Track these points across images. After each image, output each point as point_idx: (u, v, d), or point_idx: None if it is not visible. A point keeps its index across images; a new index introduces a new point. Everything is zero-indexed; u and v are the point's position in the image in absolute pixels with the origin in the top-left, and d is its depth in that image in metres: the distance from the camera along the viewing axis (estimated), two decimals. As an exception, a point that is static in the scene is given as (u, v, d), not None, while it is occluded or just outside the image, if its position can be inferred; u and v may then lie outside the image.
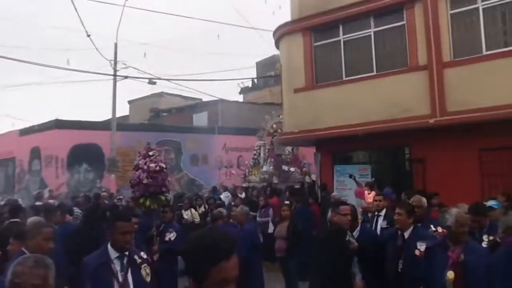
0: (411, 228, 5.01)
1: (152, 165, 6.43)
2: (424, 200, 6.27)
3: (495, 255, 3.79)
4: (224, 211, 7.70)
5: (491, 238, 4.69)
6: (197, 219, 10.78)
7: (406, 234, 4.99)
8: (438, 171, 10.33)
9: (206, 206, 11.58)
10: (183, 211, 10.81)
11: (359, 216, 9.30)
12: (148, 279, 3.76)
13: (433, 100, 10.23)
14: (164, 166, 6.66)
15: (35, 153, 22.10)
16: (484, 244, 4.67)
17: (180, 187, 21.80)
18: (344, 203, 5.77)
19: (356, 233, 5.65)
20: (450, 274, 3.86)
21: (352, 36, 11.81)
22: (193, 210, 11.14)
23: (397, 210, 5.13)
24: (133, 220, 5.43)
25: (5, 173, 24.52)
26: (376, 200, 7.62)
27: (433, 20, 10.32)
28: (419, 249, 4.60)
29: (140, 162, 6.54)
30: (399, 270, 4.87)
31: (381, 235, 5.98)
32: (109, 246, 3.71)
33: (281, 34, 13.19)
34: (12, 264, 2.22)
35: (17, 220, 6.36)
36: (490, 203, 5.66)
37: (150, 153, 6.60)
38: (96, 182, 20.78)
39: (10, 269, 2.19)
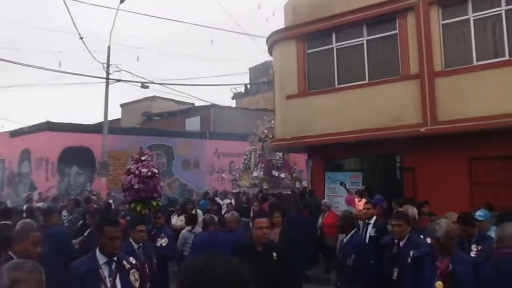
0: (407, 236, 5.05)
1: (144, 170, 6.40)
2: (414, 211, 6.32)
3: (486, 265, 3.81)
4: (215, 217, 7.68)
5: (479, 247, 4.72)
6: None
7: (402, 243, 5.03)
8: (428, 180, 10.41)
9: (198, 211, 11.48)
10: (175, 216, 10.71)
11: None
12: (137, 284, 3.75)
13: (424, 109, 10.32)
14: (156, 171, 6.63)
15: (25, 155, 21.93)
16: (472, 254, 4.69)
17: (172, 192, 21.72)
18: (263, 214, 5.08)
19: (346, 239, 5.68)
20: (439, 285, 3.87)
21: (345, 44, 11.89)
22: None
23: (395, 222, 5.14)
24: (140, 228, 5.44)
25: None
26: (365, 208, 7.64)
27: (425, 30, 10.43)
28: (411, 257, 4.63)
29: (132, 166, 6.50)
30: (394, 278, 4.89)
31: (380, 243, 5.98)
32: (97, 251, 3.69)
33: (275, 40, 13.24)
34: (4, 269, 2.13)
35: (7, 222, 6.31)
36: (478, 213, 5.69)
37: (143, 158, 6.57)
38: (87, 185, 20.65)
39: (4, 274, 2.09)
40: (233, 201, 14.30)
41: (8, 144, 22.63)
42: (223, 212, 10.65)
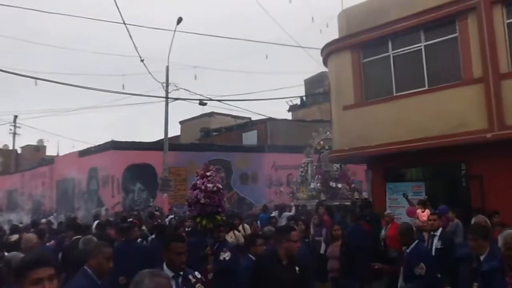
0: (487, 251, 4.79)
1: (210, 185, 6.57)
2: (488, 221, 6.02)
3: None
4: (273, 229, 7.68)
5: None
6: (241, 240, 10.36)
7: (482, 257, 4.78)
8: (497, 188, 9.84)
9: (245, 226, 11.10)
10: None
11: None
12: (203, 297, 3.81)
13: (490, 113, 9.83)
14: (221, 186, 6.79)
15: (93, 173, 23.11)
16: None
17: (231, 206, 21.98)
18: (293, 228, 5.02)
19: (410, 249, 5.51)
20: None
21: (402, 50, 11.62)
22: (236, 232, 10.45)
23: (470, 236, 4.90)
24: (261, 242, 5.74)
25: (66, 192, 25.75)
26: (430, 220, 7.36)
27: (488, 31, 9.98)
28: None
29: (198, 182, 6.70)
30: None
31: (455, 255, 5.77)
32: (164, 266, 3.81)
33: (329, 51, 13.19)
34: (145, 274, 2.32)
35: (79, 237, 6.69)
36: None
37: (208, 174, 6.74)
38: (150, 201, 21.38)
39: (147, 279, 2.28)
40: (293, 211, 14.23)
41: (77, 163, 23.97)
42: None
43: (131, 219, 11.44)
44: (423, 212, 9.57)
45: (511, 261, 3.85)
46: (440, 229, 7.10)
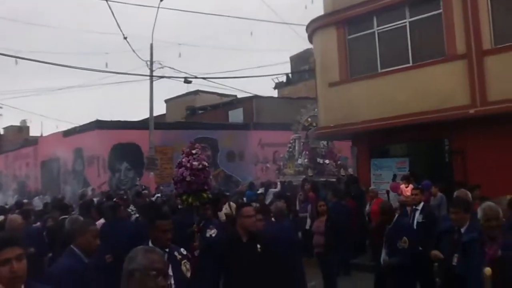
0: (468, 223, 4.93)
1: (195, 163, 6.55)
2: (469, 194, 6.18)
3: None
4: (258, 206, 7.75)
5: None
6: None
7: (463, 229, 4.92)
8: (479, 163, 10.04)
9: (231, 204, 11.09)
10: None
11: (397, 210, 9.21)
12: (188, 274, 3.87)
13: (473, 89, 9.95)
14: (206, 164, 6.79)
15: (78, 153, 22.91)
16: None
17: (217, 184, 22.06)
18: (247, 204, 4.99)
19: (391, 224, 5.64)
20: (488, 271, 3.78)
21: (387, 27, 11.62)
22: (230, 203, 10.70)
23: (452, 209, 5.04)
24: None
25: (51, 173, 25.54)
26: (413, 194, 7.52)
27: (471, 7, 10.01)
28: None
29: (183, 160, 6.69)
30: (454, 264, 4.81)
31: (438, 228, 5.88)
32: (150, 243, 3.84)
33: (314, 28, 13.12)
34: (139, 251, 2.35)
35: (66, 217, 6.70)
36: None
37: (193, 151, 6.73)
38: (136, 180, 21.34)
39: (140, 255, 2.31)
40: (278, 187, 14.36)
41: (62, 143, 23.71)
42: (267, 202, 10.70)
43: (114, 199, 11.45)
44: (406, 187, 9.74)
45: (489, 232, 3.98)
46: (422, 203, 7.24)
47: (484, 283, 3.84)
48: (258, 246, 4.47)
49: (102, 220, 7.42)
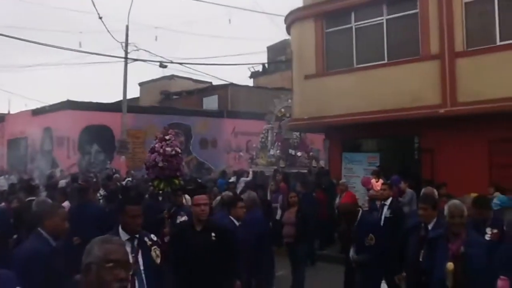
0: (435, 220, 5.07)
1: (168, 149, 6.52)
2: (436, 192, 6.35)
3: (499, 248, 3.85)
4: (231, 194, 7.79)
5: (494, 231, 4.74)
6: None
7: (430, 226, 5.05)
8: (447, 161, 10.35)
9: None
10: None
11: (366, 205, 9.42)
12: (158, 260, 3.85)
13: (444, 90, 10.20)
14: (179, 151, 6.76)
15: (47, 133, 22.37)
16: (487, 237, 4.72)
17: (189, 171, 21.98)
18: (202, 192, 5.03)
19: (357, 222, 5.70)
20: (450, 266, 3.93)
21: (364, 23, 11.74)
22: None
23: (420, 205, 5.17)
24: (241, 205, 5.69)
25: (18, 152, 24.87)
26: (382, 189, 7.68)
27: (447, 9, 10.22)
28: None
29: (156, 145, 6.64)
30: (420, 260, 4.94)
31: (405, 225, 6.00)
32: (120, 228, 3.81)
33: (293, 19, 13.14)
34: (95, 242, 2.22)
35: (33, 198, 6.56)
36: (495, 201, 5.65)
37: (167, 137, 6.69)
38: (107, 163, 21.03)
39: (96, 246, 2.18)
40: (250, 176, 14.42)
41: (30, 122, 23.09)
42: (238, 191, 10.74)
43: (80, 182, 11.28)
44: (377, 181, 9.92)
45: (454, 229, 4.12)
46: (391, 198, 7.40)
47: (446, 277, 3.99)
48: (213, 234, 4.48)
49: (66, 203, 7.32)
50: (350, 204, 6.32)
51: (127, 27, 19.92)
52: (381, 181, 9.50)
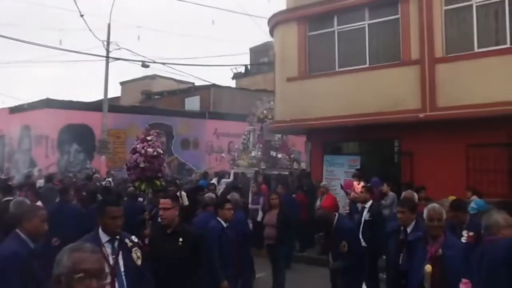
0: (413, 223, 5.13)
1: (150, 150, 6.48)
2: (416, 195, 6.43)
3: (475, 251, 3.94)
4: (213, 196, 7.79)
5: (470, 233, 4.85)
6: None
7: (409, 229, 5.12)
8: (426, 165, 10.52)
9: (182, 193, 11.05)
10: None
11: (347, 208, 9.49)
12: (139, 262, 3.82)
13: (423, 94, 10.36)
14: (161, 151, 6.72)
15: (25, 131, 21.96)
16: (463, 240, 4.83)
17: (171, 171, 21.85)
18: (164, 196, 5.08)
19: (333, 228, 5.70)
20: (428, 268, 4.01)
21: (347, 27, 11.86)
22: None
23: (399, 209, 5.24)
24: (229, 206, 5.71)
25: (-6, 150, 24.36)
26: (361, 192, 7.76)
27: (427, 15, 10.40)
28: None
29: (138, 146, 6.58)
30: (400, 263, 5.00)
31: (385, 228, 6.04)
32: (100, 230, 3.77)
33: (276, 22, 13.19)
34: (65, 251, 2.11)
35: (10, 198, 6.44)
36: (472, 205, 5.76)
37: (148, 138, 6.64)
38: (86, 163, 20.76)
39: (65, 256, 2.07)
40: (231, 178, 14.41)
41: (8, 120, 22.64)
42: (219, 193, 10.72)
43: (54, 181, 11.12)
44: (358, 184, 10.01)
45: (432, 231, 4.21)
46: (371, 201, 7.48)
47: (425, 279, 4.07)
48: (180, 239, 4.51)
49: (39, 203, 7.21)
50: (326, 212, 6.29)
51: (109, 25, 19.74)
52: (362, 183, 9.60)
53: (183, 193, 10.59)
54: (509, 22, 9.61)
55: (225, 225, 5.66)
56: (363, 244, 6.67)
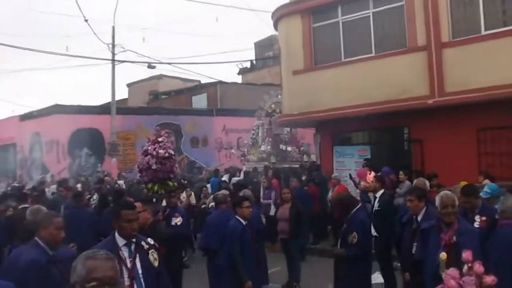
0: (423, 210, 5.12)
1: (162, 151, 6.54)
2: (427, 183, 6.40)
3: (490, 235, 3.93)
4: (227, 193, 7.80)
5: (483, 218, 4.82)
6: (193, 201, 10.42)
7: (419, 217, 5.10)
8: (436, 151, 10.44)
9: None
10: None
11: (358, 198, 9.45)
12: (156, 264, 3.85)
13: (431, 80, 10.28)
14: (172, 152, 6.77)
15: (36, 138, 22.19)
16: (476, 225, 4.80)
17: (181, 170, 21.96)
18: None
19: (350, 215, 5.63)
20: (443, 255, 3.98)
21: (351, 17, 11.78)
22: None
23: (408, 197, 5.22)
24: (247, 204, 5.71)
25: (6, 158, 24.63)
26: (372, 181, 7.73)
27: (432, 0, 10.28)
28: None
29: (149, 148, 6.63)
30: (413, 252, 4.99)
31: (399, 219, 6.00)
32: (116, 234, 3.80)
33: (280, 15, 13.14)
34: (80, 259, 2.15)
35: (26, 206, 6.51)
36: (485, 190, 5.71)
37: (160, 139, 6.69)
38: (97, 166, 20.93)
39: (80, 264, 2.12)
40: (242, 175, 14.44)
41: (18, 128, 22.89)
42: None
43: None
44: (369, 173, 9.97)
45: (446, 218, 4.18)
46: (382, 191, 7.42)
47: (440, 267, 4.05)
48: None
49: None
50: (351, 196, 6.24)
51: (113, 28, 19.80)
52: (373, 173, 9.57)
53: (192, 193, 10.59)
54: (515, 2, 9.49)
55: (244, 223, 5.68)
56: (374, 233, 6.64)
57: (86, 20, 17.76)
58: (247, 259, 5.51)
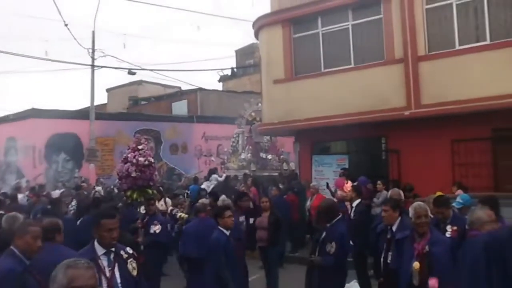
0: (398, 221, 5.23)
1: (141, 159, 6.52)
2: (402, 193, 6.54)
3: (460, 246, 4.05)
4: (207, 202, 7.81)
5: (454, 228, 4.98)
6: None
7: (394, 228, 5.20)
8: (412, 162, 10.68)
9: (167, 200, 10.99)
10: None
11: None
12: (135, 273, 3.85)
13: (408, 92, 10.52)
14: (152, 160, 6.77)
15: (11, 142, 21.74)
16: (447, 234, 4.96)
17: (160, 177, 21.81)
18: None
19: (329, 225, 5.68)
20: (416, 265, 4.12)
21: (331, 28, 11.99)
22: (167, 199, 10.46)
23: (383, 207, 5.33)
24: (229, 214, 5.62)
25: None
26: (349, 191, 7.86)
27: (409, 15, 10.56)
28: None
29: (129, 155, 6.61)
30: (388, 262, 5.08)
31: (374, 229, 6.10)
32: (95, 242, 3.79)
33: (261, 25, 13.27)
34: (60, 268, 2.16)
35: (1, 212, 6.41)
36: (457, 200, 5.88)
37: (140, 147, 6.68)
38: (75, 172, 20.63)
39: (60, 273, 2.13)
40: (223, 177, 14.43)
41: (-7, 132, 22.37)
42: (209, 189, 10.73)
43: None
44: (346, 183, 10.11)
45: (420, 229, 4.32)
46: (359, 200, 7.55)
47: (413, 276, 4.18)
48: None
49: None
50: (335, 204, 6.27)
51: (93, 33, 19.64)
52: (350, 182, 9.71)
53: (168, 200, 10.45)
54: (488, 19, 9.82)
55: (227, 234, 5.57)
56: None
57: (66, 25, 17.59)
58: (232, 269, 5.48)
